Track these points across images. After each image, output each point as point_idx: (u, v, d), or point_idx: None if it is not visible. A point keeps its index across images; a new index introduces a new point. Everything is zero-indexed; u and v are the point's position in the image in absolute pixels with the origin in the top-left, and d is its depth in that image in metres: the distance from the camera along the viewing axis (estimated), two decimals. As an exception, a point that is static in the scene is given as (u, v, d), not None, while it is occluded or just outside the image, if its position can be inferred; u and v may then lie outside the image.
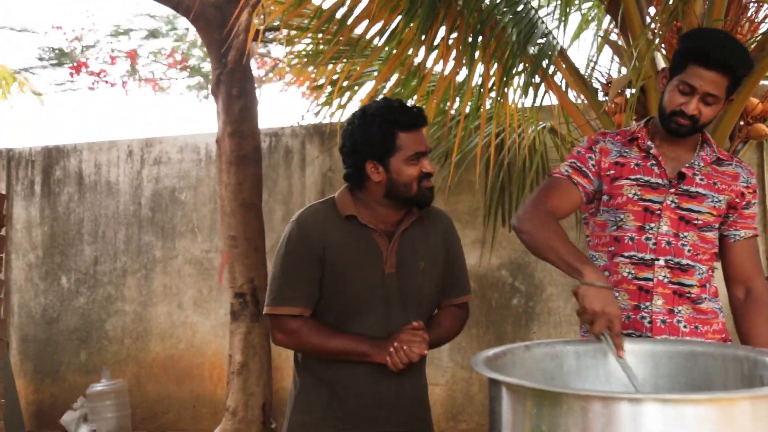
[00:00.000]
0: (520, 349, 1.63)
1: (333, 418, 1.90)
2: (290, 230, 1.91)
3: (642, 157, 1.96)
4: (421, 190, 1.88)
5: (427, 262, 1.95)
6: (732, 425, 1.16)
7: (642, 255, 1.91)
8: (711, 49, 1.79)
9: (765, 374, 1.49)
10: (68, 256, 6.27)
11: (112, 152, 6.27)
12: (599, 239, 2.02)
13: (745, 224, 1.98)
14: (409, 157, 1.85)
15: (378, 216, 1.91)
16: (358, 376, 1.88)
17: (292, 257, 1.88)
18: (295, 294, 1.87)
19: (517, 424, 1.27)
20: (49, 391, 6.18)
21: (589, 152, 1.99)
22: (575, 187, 1.95)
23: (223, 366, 5.69)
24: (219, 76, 5.12)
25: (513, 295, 5.23)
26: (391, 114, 1.85)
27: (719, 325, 1.96)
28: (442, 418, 5.33)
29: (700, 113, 1.83)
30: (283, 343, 1.92)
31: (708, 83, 1.80)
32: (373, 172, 1.87)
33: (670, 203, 1.91)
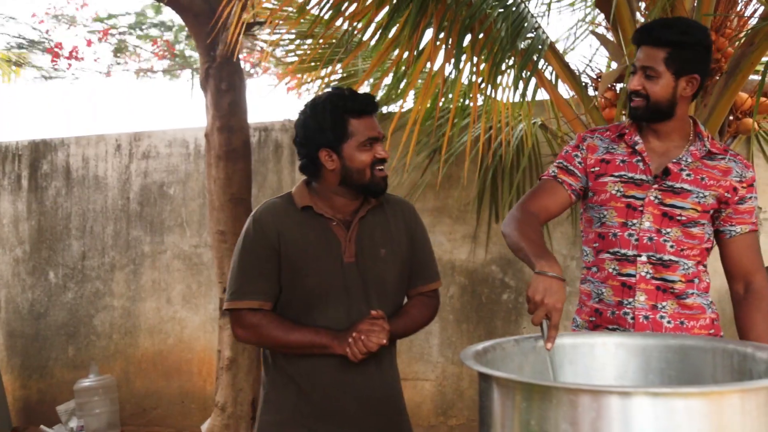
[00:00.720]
0: (510, 344, 1.63)
1: (302, 416, 1.89)
2: (247, 226, 1.93)
3: (628, 153, 1.97)
4: (375, 177, 1.90)
5: (388, 249, 1.95)
6: (721, 418, 1.17)
7: (624, 251, 1.92)
8: (642, 28, 1.91)
9: (754, 368, 1.49)
10: (56, 251, 6.22)
11: (100, 146, 6.23)
12: (587, 235, 2.04)
13: (741, 219, 1.96)
14: (361, 143, 1.87)
15: (334, 206, 1.93)
16: (324, 370, 1.88)
17: (249, 252, 1.90)
18: (254, 288, 1.88)
19: (506, 419, 1.27)
20: (37, 387, 6.14)
21: (576, 150, 2.02)
22: (561, 186, 1.98)
23: (212, 361, 5.67)
24: (208, 69, 5.08)
25: (503, 290, 5.23)
26: (341, 101, 1.87)
27: (706, 320, 1.96)
28: (432, 414, 5.33)
29: (645, 90, 1.88)
30: (243, 338, 1.93)
31: (643, 58, 1.87)
32: (327, 160, 1.89)
33: (653, 199, 1.91)
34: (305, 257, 1.88)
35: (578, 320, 2.07)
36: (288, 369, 1.91)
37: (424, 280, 2.05)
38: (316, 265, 1.88)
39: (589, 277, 2.03)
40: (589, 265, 2.03)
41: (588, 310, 2.03)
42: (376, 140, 1.89)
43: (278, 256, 1.88)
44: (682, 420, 1.13)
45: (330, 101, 1.88)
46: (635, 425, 1.13)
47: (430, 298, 2.07)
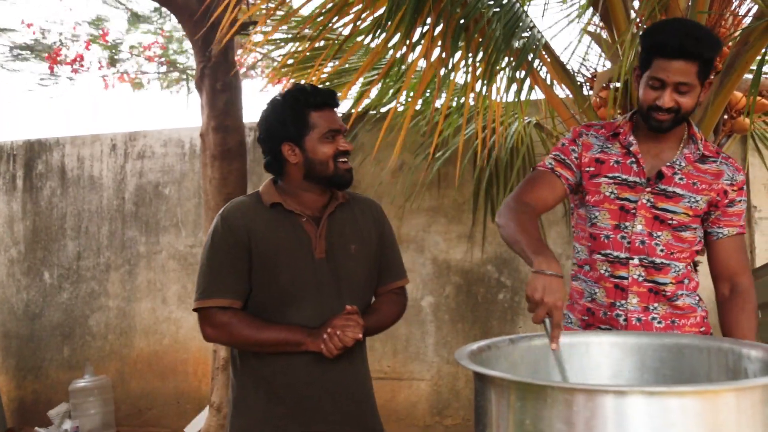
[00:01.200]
0: (505, 343, 1.63)
1: (274, 417, 1.87)
2: (215, 225, 1.92)
3: (623, 153, 1.95)
4: (338, 169, 1.91)
5: (358, 245, 1.96)
6: (716, 417, 1.16)
7: (617, 253, 1.92)
8: (668, 39, 1.79)
9: (749, 366, 1.49)
10: (51, 251, 6.21)
11: (95, 146, 6.22)
12: (581, 232, 2.03)
13: (729, 222, 1.97)
14: (323, 135, 1.89)
15: (303, 202, 1.93)
16: (296, 369, 1.86)
17: (217, 251, 1.89)
18: (222, 286, 1.86)
19: (501, 418, 1.26)
20: (32, 388, 6.12)
21: (573, 144, 2.00)
22: (558, 179, 1.96)
23: (207, 362, 5.66)
24: (203, 69, 5.07)
25: (499, 289, 5.24)
26: (301, 94, 1.90)
27: (697, 318, 1.97)
28: (427, 413, 5.33)
29: (678, 104, 1.82)
30: (213, 338, 1.90)
31: (675, 73, 1.79)
32: (290, 154, 1.91)
33: (646, 202, 1.90)
34: (276, 254, 1.87)
35: (571, 317, 2.06)
36: (259, 370, 1.89)
37: (393, 278, 2.06)
38: (288, 261, 1.88)
39: (582, 276, 2.03)
40: (581, 263, 2.03)
41: (580, 309, 2.03)
42: (338, 132, 1.91)
43: (249, 254, 1.87)
44: (677, 419, 1.13)
45: (291, 95, 1.92)
46: (630, 424, 1.13)
47: (398, 296, 2.08)
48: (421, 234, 5.37)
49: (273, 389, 1.87)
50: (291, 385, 1.87)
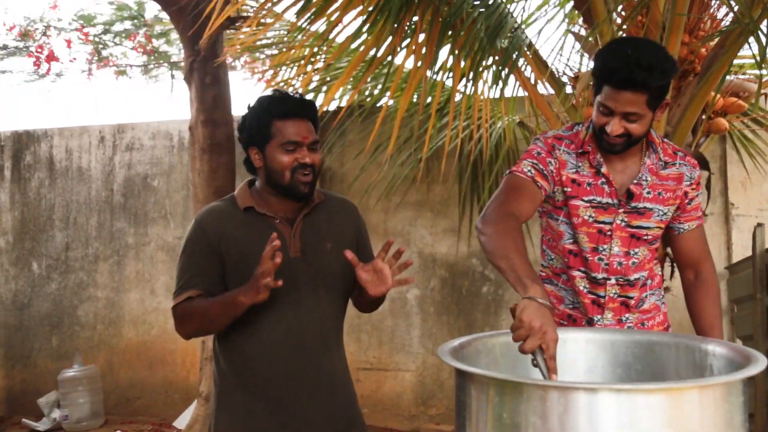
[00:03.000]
0: (486, 338, 1.69)
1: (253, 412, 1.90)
2: (189, 230, 1.96)
3: (593, 173, 1.94)
4: (294, 181, 1.88)
5: (334, 243, 1.96)
6: (681, 412, 1.23)
7: (595, 274, 1.96)
8: (617, 70, 1.74)
9: (714, 363, 1.57)
10: (39, 242, 6.22)
11: (83, 138, 6.23)
12: (554, 242, 2.05)
13: (690, 217, 2.03)
14: (282, 145, 1.88)
15: (274, 206, 1.95)
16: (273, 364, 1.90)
17: (189, 254, 1.93)
18: (191, 282, 1.89)
19: (481, 412, 1.32)
20: (20, 377, 6.16)
21: (549, 156, 1.96)
22: (539, 190, 1.92)
23: (195, 352, 5.71)
24: (192, 63, 5.09)
25: (483, 283, 5.32)
26: (267, 103, 1.91)
27: (661, 317, 2.07)
28: (412, 404, 5.40)
29: (627, 130, 1.81)
30: (184, 332, 1.93)
31: (623, 103, 1.76)
32: (255, 158, 1.93)
33: (620, 222, 1.93)
34: (249, 254, 1.87)
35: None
36: (238, 365, 1.93)
37: None
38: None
39: (560, 284, 2.05)
40: (558, 271, 2.06)
41: (559, 313, 2.05)
42: (299, 145, 1.89)
43: (219, 257, 1.90)
44: (644, 414, 1.20)
45: (258, 102, 1.93)
46: (600, 419, 1.20)
47: None
48: (407, 228, 5.44)
49: (252, 385, 1.91)
50: (269, 380, 1.90)
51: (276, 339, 1.90)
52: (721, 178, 4.82)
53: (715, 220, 4.82)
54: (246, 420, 1.90)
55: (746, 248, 4.60)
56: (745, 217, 4.74)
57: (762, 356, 1.40)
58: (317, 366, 1.93)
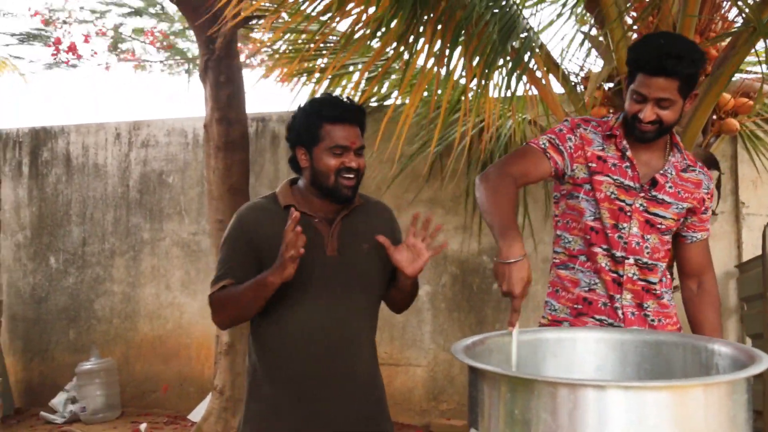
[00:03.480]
0: (498, 337, 1.74)
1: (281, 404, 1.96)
2: (230, 224, 2.03)
3: (618, 156, 2.03)
4: (338, 184, 1.94)
5: (371, 244, 2.00)
6: (686, 409, 1.28)
7: (614, 252, 2.02)
8: (650, 58, 1.86)
9: (720, 362, 1.62)
10: (56, 237, 6.32)
11: (99, 134, 6.31)
12: (575, 224, 2.08)
13: (702, 227, 2.11)
14: (330, 148, 1.93)
15: (314, 206, 2.00)
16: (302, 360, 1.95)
17: (228, 247, 2.00)
18: (228, 273, 1.97)
19: (493, 408, 1.37)
20: (38, 370, 6.25)
21: (570, 133, 2.03)
22: (548, 160, 2.00)
23: (210, 346, 5.78)
24: (207, 62, 5.15)
25: (494, 280, 5.34)
26: (318, 105, 1.97)
27: (674, 317, 2.11)
28: (423, 399, 5.47)
29: (660, 117, 1.91)
30: (219, 321, 2.02)
31: (656, 89, 1.87)
32: (301, 158, 1.99)
33: (639, 206, 2.00)
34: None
35: (556, 305, 2.12)
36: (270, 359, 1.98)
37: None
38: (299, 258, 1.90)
39: (577, 266, 2.07)
40: (575, 253, 2.08)
41: (573, 298, 2.08)
42: (346, 150, 1.94)
43: (256, 252, 1.96)
44: (651, 411, 1.25)
45: (309, 105, 2.00)
46: (608, 415, 1.25)
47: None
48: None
49: (278, 379, 1.97)
50: (295, 376, 1.96)
51: (304, 336, 1.95)
52: (732, 177, 4.84)
53: (725, 219, 4.84)
54: (273, 412, 1.96)
55: (756, 247, 4.62)
56: (756, 216, 4.76)
57: (765, 356, 1.44)
58: (344, 365, 1.98)
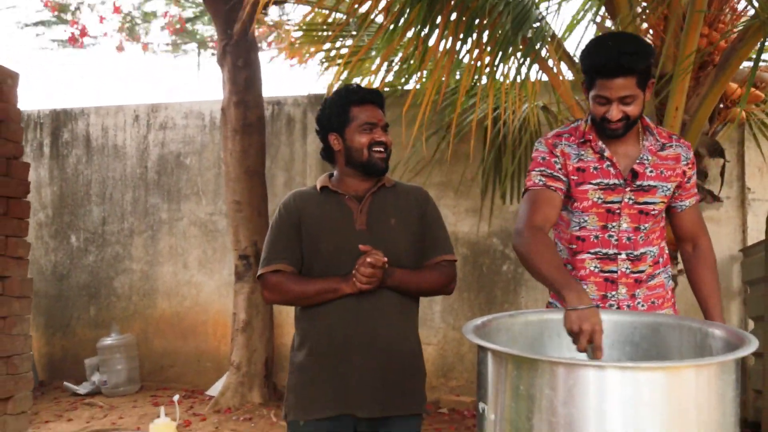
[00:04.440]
0: (505, 318, 1.85)
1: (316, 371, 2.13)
2: (276, 210, 2.26)
3: (597, 159, 2.10)
4: (372, 158, 2.16)
5: (398, 218, 2.18)
6: (679, 388, 1.38)
7: (606, 251, 2.11)
8: (606, 62, 1.92)
9: (713, 344, 1.72)
10: (77, 216, 6.46)
11: (118, 116, 6.43)
12: (563, 234, 2.19)
13: (689, 194, 2.19)
14: (360, 126, 2.16)
15: (348, 186, 2.21)
16: (336, 328, 2.12)
17: (275, 230, 2.21)
18: (278, 255, 2.17)
19: (500, 384, 1.48)
20: (60, 344, 6.44)
21: (553, 156, 2.12)
22: (555, 193, 2.08)
23: (226, 323, 5.93)
24: (225, 47, 5.25)
25: (503, 261, 5.47)
26: (345, 92, 2.20)
27: (668, 294, 2.20)
28: (433, 376, 5.59)
29: (626, 113, 1.99)
30: (270, 299, 2.22)
31: (617, 90, 1.94)
32: (334, 143, 2.19)
33: (628, 201, 2.09)
34: (321, 227, 2.15)
35: (557, 305, 2.21)
36: (307, 331, 2.17)
37: (438, 252, 2.24)
38: (331, 232, 2.13)
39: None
40: (564, 261, 2.15)
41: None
42: (374, 125, 2.16)
43: (299, 230, 2.17)
44: (645, 389, 1.35)
45: (337, 93, 2.22)
46: (606, 393, 1.35)
47: (445, 267, 2.26)
48: (430, 207, 5.60)
49: (315, 348, 2.14)
50: (329, 344, 2.12)
51: (336, 306, 2.11)
52: (739, 163, 4.91)
53: (731, 204, 4.92)
54: (311, 381, 2.13)
55: (761, 232, 4.71)
56: (762, 201, 4.84)
57: (754, 339, 1.53)
58: (373, 334, 2.12)
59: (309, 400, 2.12)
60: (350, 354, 2.11)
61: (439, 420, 5.09)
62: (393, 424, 2.13)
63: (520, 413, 1.41)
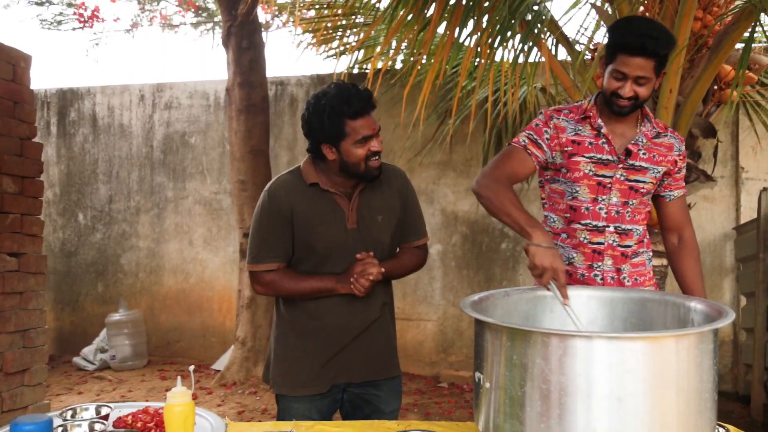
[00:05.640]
0: (501, 294, 1.95)
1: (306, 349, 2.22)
2: (262, 200, 2.23)
3: (594, 135, 2.22)
4: (368, 168, 2.14)
5: (384, 214, 2.25)
6: (661, 356, 1.47)
7: (595, 223, 2.22)
8: (631, 38, 2.03)
9: (695, 317, 1.83)
10: (84, 194, 6.57)
11: (124, 96, 6.50)
12: (556, 204, 2.30)
13: (678, 185, 2.30)
14: (357, 141, 2.10)
15: (337, 183, 2.21)
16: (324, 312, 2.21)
17: (265, 223, 2.20)
18: (270, 253, 2.20)
19: (495, 354, 1.57)
20: (69, 320, 6.58)
21: (546, 126, 2.24)
22: (529, 156, 2.21)
23: (231, 299, 6.06)
24: (229, 28, 5.31)
25: (502, 239, 5.58)
26: (339, 104, 2.07)
27: (648, 272, 2.32)
28: (433, 351, 5.74)
29: (637, 93, 2.10)
30: (262, 293, 2.27)
31: (635, 68, 2.05)
32: (328, 152, 2.14)
33: (620, 177, 2.20)
34: (314, 225, 2.16)
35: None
36: (295, 313, 2.24)
37: (413, 237, 2.37)
38: (324, 231, 2.16)
39: (559, 242, 2.29)
40: (558, 231, 2.30)
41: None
42: (370, 137, 2.11)
43: (291, 225, 2.18)
44: (630, 357, 1.44)
45: (329, 104, 2.09)
46: (593, 361, 1.44)
47: (419, 250, 2.40)
48: (431, 186, 5.70)
49: (305, 330, 2.23)
50: (320, 328, 2.22)
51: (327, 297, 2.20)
52: (733, 143, 5.00)
53: (725, 183, 5.02)
54: (298, 358, 2.23)
55: (754, 210, 4.81)
56: (755, 180, 4.94)
57: (731, 311, 1.64)
58: (363, 319, 2.24)
59: (297, 377, 2.21)
60: (338, 334, 2.21)
61: (438, 394, 5.22)
62: (380, 385, 2.27)
63: (513, 381, 1.50)
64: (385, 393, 2.29)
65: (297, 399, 2.22)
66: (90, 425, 1.66)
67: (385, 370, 2.29)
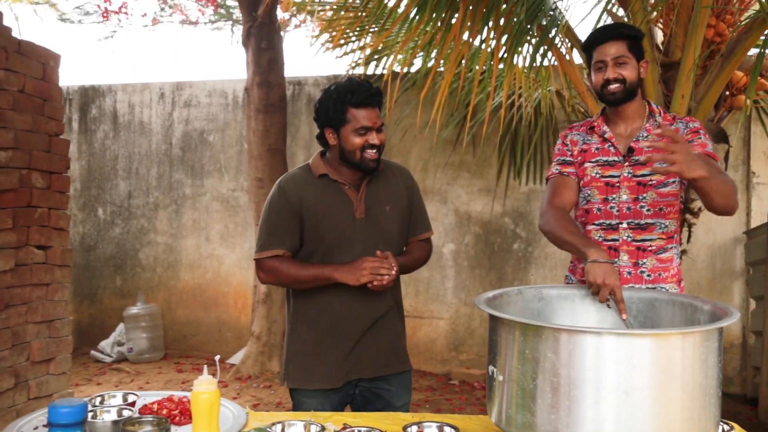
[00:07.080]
0: (514, 292, 2.02)
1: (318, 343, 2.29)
2: (273, 193, 2.32)
3: (600, 141, 2.35)
4: (364, 159, 2.22)
5: (392, 206, 2.34)
6: (667, 353, 1.53)
7: (609, 221, 2.32)
8: (596, 33, 2.26)
9: (701, 317, 1.89)
10: (104, 190, 6.68)
11: (144, 94, 6.61)
12: (575, 211, 2.43)
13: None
14: (356, 129, 2.20)
15: (344, 174, 2.30)
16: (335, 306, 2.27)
17: (274, 214, 2.29)
18: (276, 241, 2.27)
19: (508, 349, 1.64)
20: (88, 312, 6.70)
21: (564, 145, 2.41)
22: (569, 177, 2.36)
23: (247, 295, 6.15)
24: (249, 29, 5.40)
25: (514, 240, 5.64)
26: (344, 91, 2.21)
27: (675, 269, 2.36)
28: (445, 349, 5.80)
29: (621, 75, 2.22)
30: (265, 280, 2.33)
31: (609, 51, 2.21)
32: (330, 137, 2.25)
33: (627, 175, 2.29)
34: (323, 216, 2.22)
35: (572, 278, 2.45)
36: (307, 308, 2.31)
37: (421, 230, 2.47)
38: (333, 221, 2.23)
39: None
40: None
41: (580, 271, 2.39)
42: (370, 129, 2.21)
43: (299, 217, 2.24)
44: (637, 354, 1.50)
45: (336, 91, 2.22)
46: (602, 356, 1.50)
47: (426, 243, 2.50)
48: (444, 187, 5.77)
49: (316, 322, 2.30)
50: (331, 319, 2.29)
51: (336, 287, 2.25)
52: (745, 148, 5.04)
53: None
54: (311, 351, 2.30)
55: (764, 215, 4.86)
56: (765, 185, 4.98)
57: (736, 312, 1.71)
58: (372, 309, 2.31)
59: (311, 372, 2.28)
60: (348, 327, 2.28)
61: (450, 391, 5.29)
62: (391, 380, 2.34)
63: (525, 374, 1.56)
64: (396, 387, 2.36)
65: (311, 393, 2.29)
66: (119, 411, 1.76)
67: (395, 364, 2.37)
